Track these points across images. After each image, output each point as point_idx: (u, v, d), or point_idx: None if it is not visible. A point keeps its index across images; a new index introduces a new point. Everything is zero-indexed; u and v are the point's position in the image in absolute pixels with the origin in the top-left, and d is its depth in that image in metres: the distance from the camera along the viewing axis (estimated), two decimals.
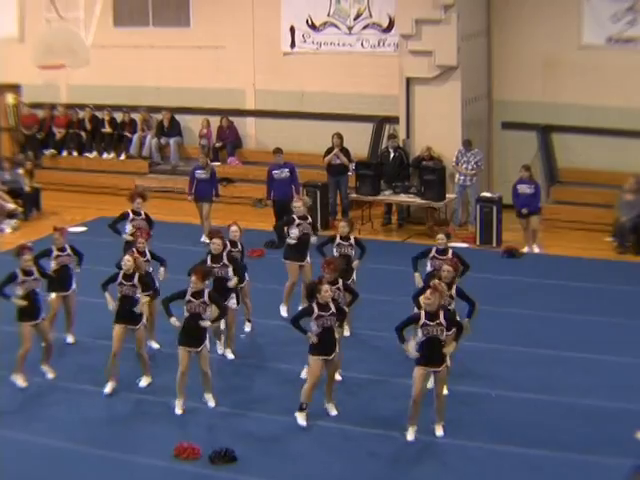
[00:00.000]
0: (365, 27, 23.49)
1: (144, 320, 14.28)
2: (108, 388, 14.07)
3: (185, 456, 12.37)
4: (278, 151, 20.94)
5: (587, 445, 12.46)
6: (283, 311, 16.27)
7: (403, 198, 21.27)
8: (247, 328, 16.02)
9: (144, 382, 14.32)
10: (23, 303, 14.03)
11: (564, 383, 14.30)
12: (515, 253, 19.75)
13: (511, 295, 17.75)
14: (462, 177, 21.42)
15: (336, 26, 23.71)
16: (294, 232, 16.22)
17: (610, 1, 21.50)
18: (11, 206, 22.64)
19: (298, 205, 16.57)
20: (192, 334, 13.29)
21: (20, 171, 23.67)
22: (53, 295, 15.45)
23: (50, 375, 14.57)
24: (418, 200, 21.05)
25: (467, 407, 13.42)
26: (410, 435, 12.53)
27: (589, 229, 20.85)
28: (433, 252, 15.06)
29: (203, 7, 24.72)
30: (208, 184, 20.79)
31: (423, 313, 12.33)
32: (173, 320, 13.37)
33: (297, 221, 16.28)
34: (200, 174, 20.78)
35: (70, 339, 15.81)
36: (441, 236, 15.25)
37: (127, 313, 13.96)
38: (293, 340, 13.96)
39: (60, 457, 12.50)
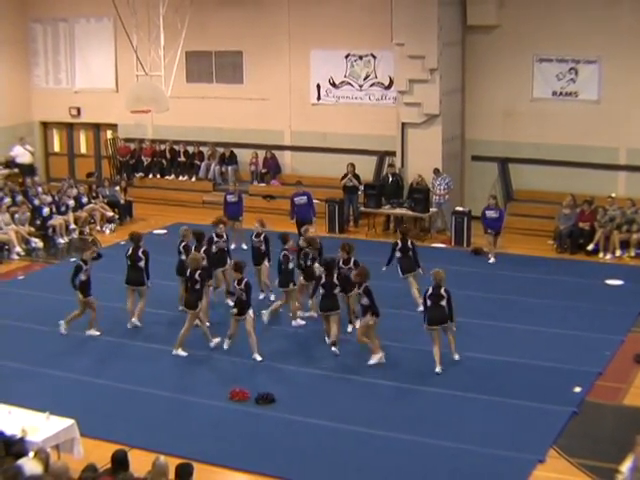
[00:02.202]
0: (372, 85, 23.22)
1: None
2: (180, 351, 14.02)
3: (237, 398, 12.46)
4: (299, 183, 20.57)
5: (534, 395, 12.43)
6: None
7: (398, 211, 21.16)
8: (261, 296, 16.22)
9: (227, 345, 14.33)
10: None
11: (512, 347, 14.23)
12: (480, 252, 19.58)
13: (476, 282, 17.58)
14: (437, 197, 21.26)
15: (350, 84, 23.44)
16: None
17: (555, 63, 21.27)
18: (110, 214, 22.71)
19: (312, 230, 16.74)
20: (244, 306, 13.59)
21: (117, 188, 23.68)
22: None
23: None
24: (409, 212, 20.97)
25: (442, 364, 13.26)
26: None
27: (536, 235, 20.60)
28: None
29: (253, 69, 24.52)
30: (236, 206, 20.07)
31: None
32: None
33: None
34: (230, 198, 20.16)
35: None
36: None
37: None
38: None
39: (142, 399, 12.64)
